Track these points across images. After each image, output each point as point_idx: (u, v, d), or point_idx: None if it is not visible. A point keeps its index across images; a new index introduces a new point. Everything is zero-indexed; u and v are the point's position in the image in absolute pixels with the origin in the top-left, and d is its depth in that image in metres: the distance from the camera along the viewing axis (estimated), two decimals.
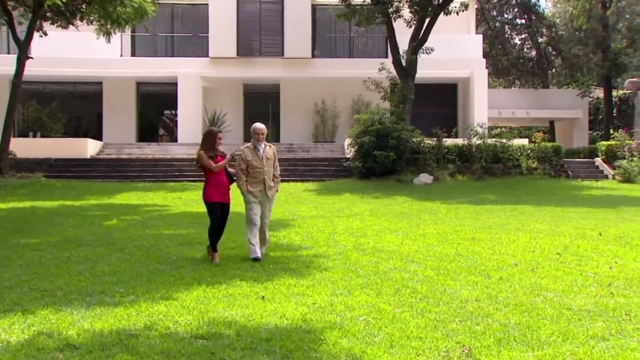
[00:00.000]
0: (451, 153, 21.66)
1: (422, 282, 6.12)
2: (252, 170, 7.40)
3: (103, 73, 25.38)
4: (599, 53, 33.83)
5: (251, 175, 7.41)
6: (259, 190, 7.41)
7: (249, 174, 7.42)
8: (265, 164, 7.45)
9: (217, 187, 7.41)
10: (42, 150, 21.65)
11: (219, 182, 7.44)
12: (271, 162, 7.56)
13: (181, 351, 4.04)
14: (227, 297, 5.49)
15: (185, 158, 22.39)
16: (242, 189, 7.45)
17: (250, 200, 7.42)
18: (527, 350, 4.05)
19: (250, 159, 7.42)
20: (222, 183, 7.47)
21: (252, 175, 7.41)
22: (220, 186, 7.43)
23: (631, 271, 6.59)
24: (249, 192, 7.40)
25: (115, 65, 25.24)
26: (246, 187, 7.40)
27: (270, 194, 7.51)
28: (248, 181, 7.41)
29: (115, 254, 7.64)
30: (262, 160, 7.43)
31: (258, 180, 7.42)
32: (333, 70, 25.46)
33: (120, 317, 4.84)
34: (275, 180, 7.64)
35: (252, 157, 7.44)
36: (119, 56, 25.60)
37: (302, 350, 4.06)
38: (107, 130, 26.19)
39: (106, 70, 25.19)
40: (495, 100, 29.42)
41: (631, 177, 21.24)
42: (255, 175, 7.41)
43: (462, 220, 11.42)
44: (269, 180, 7.48)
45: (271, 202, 7.62)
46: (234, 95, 26.90)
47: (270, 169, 7.53)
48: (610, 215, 12.22)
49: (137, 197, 15.95)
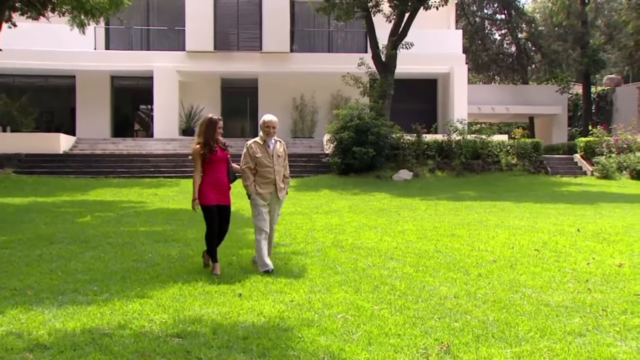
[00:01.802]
0: (431, 149, 21.74)
1: (400, 279, 6.10)
2: (260, 169, 6.52)
3: (76, 66, 24.88)
4: (578, 49, 34.27)
5: (260, 174, 6.53)
6: (268, 192, 6.54)
7: (257, 173, 6.54)
8: (275, 162, 6.59)
9: (214, 186, 6.38)
10: (12, 145, 21.13)
11: (216, 181, 6.41)
12: (282, 159, 6.69)
13: (156, 350, 3.95)
14: (203, 295, 5.40)
15: (161, 154, 22.15)
16: (250, 190, 6.54)
17: (259, 204, 6.53)
18: (505, 347, 4.04)
19: (260, 156, 6.53)
20: (221, 182, 6.45)
21: (261, 175, 6.53)
22: (218, 186, 6.42)
23: (608, 267, 6.65)
24: (258, 194, 6.52)
25: (88, 59, 24.78)
26: (254, 188, 6.51)
27: (281, 196, 6.66)
28: (256, 181, 6.53)
29: (88, 252, 7.49)
30: (272, 157, 6.56)
31: (268, 181, 6.54)
32: (312, 65, 25.36)
33: (93, 316, 4.73)
34: (285, 181, 6.77)
35: (261, 153, 6.55)
36: (93, 49, 25.15)
37: (280, 348, 4.01)
38: (80, 125, 25.74)
39: (79, 63, 24.71)
40: (475, 96, 29.62)
41: (609, 173, 21.53)
42: (265, 175, 6.53)
43: (442, 216, 11.44)
44: (279, 181, 6.61)
45: (281, 205, 6.83)
46: (211, 90, 26.66)
47: (281, 168, 6.67)
48: (589, 211, 12.36)
49: (112, 193, 15.72)
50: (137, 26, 26.41)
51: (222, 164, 6.47)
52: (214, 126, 6.41)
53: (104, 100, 26.27)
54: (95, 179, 18.83)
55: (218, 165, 6.43)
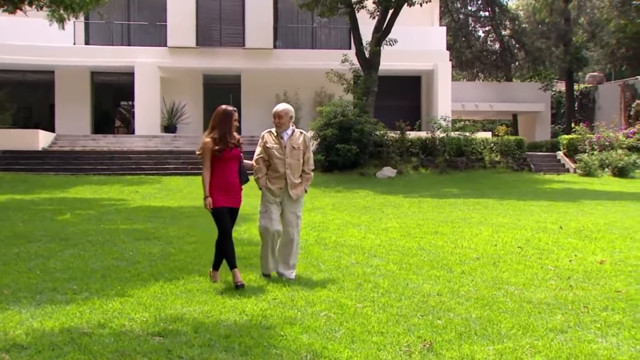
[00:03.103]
0: (414, 146, 21.80)
1: (384, 276, 6.09)
2: (271, 161, 5.97)
3: (55, 62, 24.48)
4: (561, 47, 34.57)
5: (271, 167, 5.98)
6: (278, 187, 5.95)
7: (270, 167, 6.00)
8: (288, 154, 5.95)
9: (223, 189, 5.66)
10: None
11: (226, 182, 5.68)
12: (299, 152, 6.02)
13: (136, 349, 3.89)
14: (185, 293, 5.34)
15: (142, 150, 21.95)
16: (260, 183, 6.00)
17: (268, 200, 5.96)
18: (488, 344, 4.04)
19: (271, 147, 5.96)
20: (231, 183, 5.72)
21: (271, 168, 5.97)
22: (227, 187, 5.69)
23: (590, 264, 6.70)
24: (268, 189, 5.97)
25: (67, 54, 24.40)
26: (265, 181, 5.97)
27: (294, 194, 5.98)
28: (268, 175, 5.99)
29: (68, 250, 7.37)
30: (284, 149, 5.95)
31: (278, 175, 5.95)
32: (295, 61, 25.28)
33: (72, 315, 4.64)
34: (305, 177, 6.11)
35: (273, 144, 5.99)
36: (72, 44, 24.78)
37: (262, 346, 3.97)
38: (60, 122, 25.37)
39: (58, 58, 24.31)
40: (459, 93, 29.75)
41: (592, 170, 21.76)
42: (275, 168, 5.95)
43: (425, 214, 11.47)
44: (292, 176, 5.95)
45: (297, 205, 6.07)
46: (194, 86, 26.46)
47: (296, 162, 6.00)
48: (571, 208, 12.47)
49: (92, 190, 15.54)
50: (118, 21, 26.10)
51: (233, 163, 5.75)
52: (229, 118, 5.65)
53: (84, 96, 25.94)
54: (75, 176, 18.60)
55: (229, 165, 5.71)
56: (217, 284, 5.68)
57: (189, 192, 15.66)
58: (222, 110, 5.69)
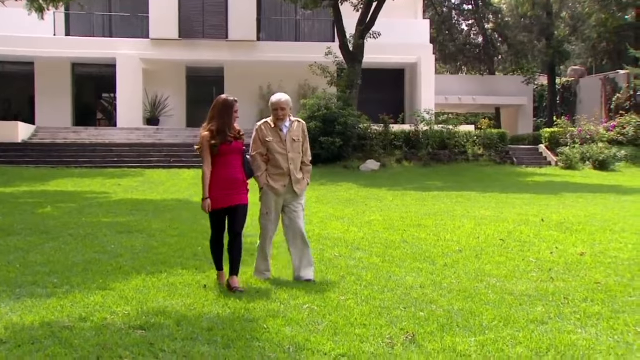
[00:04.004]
0: (398, 139, 21.84)
1: (367, 269, 6.11)
2: (271, 157, 5.52)
3: (34, 53, 24.05)
4: (543, 40, 34.77)
5: (271, 163, 5.52)
6: (282, 185, 5.51)
7: (269, 162, 5.54)
8: (290, 148, 5.53)
9: (224, 184, 5.18)
10: None
11: (228, 178, 5.20)
12: (299, 145, 5.60)
13: (118, 343, 3.86)
14: (167, 287, 5.31)
15: (125, 143, 21.77)
16: (260, 182, 5.54)
17: (270, 199, 5.55)
18: (470, 336, 4.07)
19: (270, 140, 5.51)
20: (233, 179, 5.24)
21: (272, 164, 5.51)
22: (230, 183, 5.21)
23: (571, 256, 6.77)
24: (270, 187, 5.52)
25: (47, 45, 24.00)
26: (266, 179, 5.52)
27: (299, 189, 5.58)
28: (268, 171, 5.53)
29: (48, 243, 7.29)
30: (285, 143, 5.53)
31: (281, 172, 5.50)
32: (279, 54, 25.15)
33: (53, 309, 4.59)
34: (305, 170, 5.69)
35: (272, 137, 5.53)
36: (52, 35, 24.43)
37: (245, 339, 3.96)
38: (40, 114, 24.99)
39: (38, 50, 23.89)
40: (442, 86, 29.81)
41: (573, 163, 21.98)
42: (277, 164, 5.49)
43: (409, 207, 11.52)
44: (295, 172, 5.54)
45: (300, 201, 5.68)
46: (176, 78, 26.22)
47: (298, 155, 5.59)
48: (553, 201, 12.60)
49: (74, 183, 15.38)
50: (99, 12, 25.77)
51: (235, 157, 5.28)
52: (229, 110, 5.23)
53: (64, 88, 25.60)
54: (56, 169, 18.39)
55: (231, 159, 5.23)
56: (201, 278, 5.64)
57: (172, 185, 15.56)
58: (221, 101, 5.29)
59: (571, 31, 37.08)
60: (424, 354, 3.72)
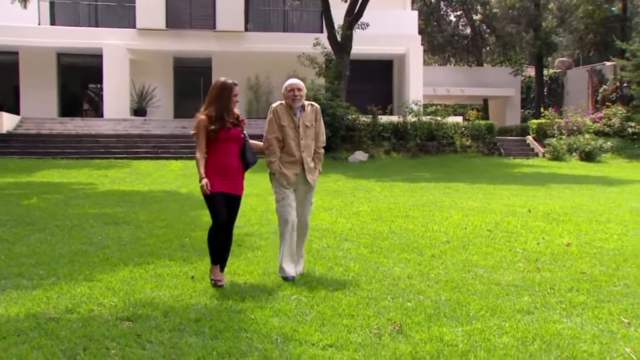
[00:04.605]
0: (386, 130, 21.87)
1: (355, 260, 6.11)
2: (285, 142, 5.24)
3: (18, 42, 23.78)
4: (531, 32, 34.91)
5: (284, 150, 5.23)
6: (294, 173, 5.24)
7: (282, 148, 5.24)
8: (303, 134, 5.24)
9: (219, 172, 4.95)
10: None
11: (222, 166, 4.97)
12: (312, 131, 5.30)
13: (105, 334, 3.84)
14: (154, 278, 5.29)
15: (112, 134, 21.61)
16: (273, 168, 5.23)
17: (283, 186, 5.25)
18: (457, 326, 4.09)
19: (286, 125, 5.23)
20: (229, 167, 5.00)
21: (285, 151, 5.23)
22: (225, 171, 4.97)
23: (557, 246, 6.82)
24: (282, 174, 5.22)
25: (32, 34, 23.72)
26: (278, 166, 5.22)
27: (312, 179, 5.32)
28: (280, 158, 5.24)
29: (34, 235, 7.23)
30: (298, 129, 5.24)
31: (293, 160, 5.23)
32: (267, 44, 25.04)
33: (39, 301, 4.56)
34: (317, 157, 5.39)
35: (287, 121, 5.24)
36: (37, 24, 24.13)
37: (232, 330, 3.95)
38: (25, 104, 24.72)
39: (22, 39, 23.62)
40: (430, 77, 29.87)
41: (560, 155, 22.14)
42: (289, 151, 5.22)
43: (396, 198, 11.54)
44: (309, 160, 5.28)
45: (312, 190, 5.42)
46: (164, 69, 26.05)
47: (311, 142, 5.30)
48: (540, 192, 12.69)
49: (60, 174, 15.25)
50: (85, 1, 25.48)
51: (232, 145, 5.01)
52: (228, 93, 4.95)
53: (50, 78, 25.33)
54: (42, 160, 18.23)
55: (227, 146, 4.99)
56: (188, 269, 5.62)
57: (159, 176, 15.48)
58: (219, 83, 4.97)
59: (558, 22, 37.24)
60: (411, 344, 3.73)
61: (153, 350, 3.62)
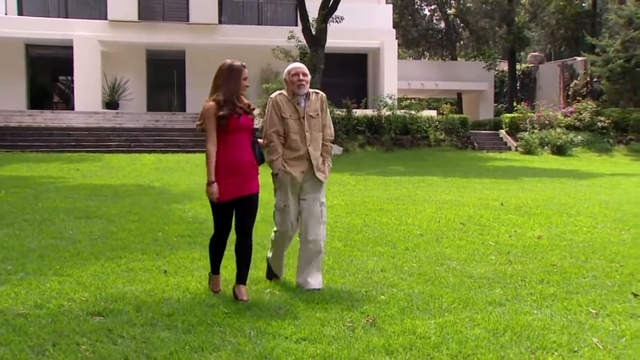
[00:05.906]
0: (361, 124, 21.92)
1: (328, 253, 6.11)
2: (287, 137, 4.66)
3: None
4: (504, 26, 35.26)
5: (287, 145, 4.65)
6: (300, 171, 4.64)
7: (284, 144, 4.69)
8: (308, 126, 4.64)
9: (231, 169, 4.34)
10: None
11: (234, 162, 4.36)
12: (318, 121, 4.71)
13: (75, 330, 3.79)
14: (127, 272, 5.23)
15: (83, 127, 21.27)
16: (275, 167, 4.66)
17: (286, 190, 4.70)
18: (430, 318, 4.13)
19: (288, 117, 4.65)
20: (243, 162, 4.41)
21: (288, 146, 4.65)
22: (237, 168, 4.37)
23: (528, 239, 6.92)
24: (287, 173, 4.65)
25: None
26: (281, 164, 4.65)
27: (322, 176, 4.74)
28: (283, 155, 4.67)
29: (2, 229, 7.08)
30: (303, 120, 4.66)
31: (298, 156, 4.64)
32: (241, 37, 24.82)
33: (6, 296, 4.47)
34: (325, 150, 4.79)
35: (289, 112, 4.67)
36: (3, 14, 23.56)
37: (205, 324, 3.93)
38: None
39: None
40: (404, 71, 29.98)
41: (532, 148, 22.47)
42: (293, 146, 4.63)
43: (371, 191, 11.58)
44: (317, 155, 4.68)
45: (321, 189, 4.81)
46: (136, 61, 25.67)
47: (318, 134, 4.71)
48: (512, 185, 12.86)
49: (29, 168, 14.95)
50: None
51: (244, 135, 4.42)
52: (237, 75, 4.36)
53: (18, 70, 24.76)
54: (11, 154, 17.86)
55: (238, 137, 4.38)
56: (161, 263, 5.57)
57: (132, 170, 15.28)
58: (226, 66, 4.37)
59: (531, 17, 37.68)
60: (384, 337, 3.75)
61: (125, 345, 3.58)
